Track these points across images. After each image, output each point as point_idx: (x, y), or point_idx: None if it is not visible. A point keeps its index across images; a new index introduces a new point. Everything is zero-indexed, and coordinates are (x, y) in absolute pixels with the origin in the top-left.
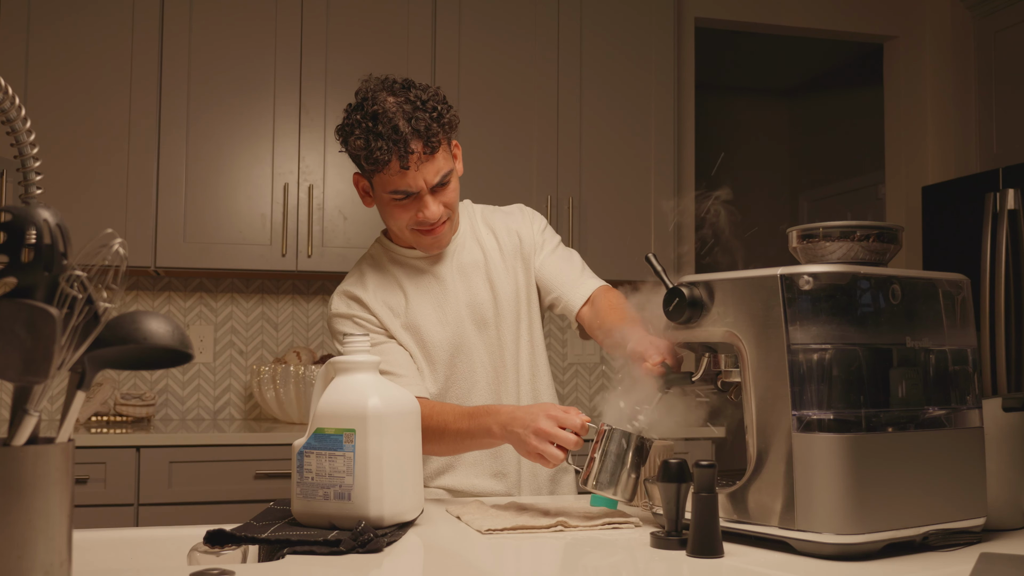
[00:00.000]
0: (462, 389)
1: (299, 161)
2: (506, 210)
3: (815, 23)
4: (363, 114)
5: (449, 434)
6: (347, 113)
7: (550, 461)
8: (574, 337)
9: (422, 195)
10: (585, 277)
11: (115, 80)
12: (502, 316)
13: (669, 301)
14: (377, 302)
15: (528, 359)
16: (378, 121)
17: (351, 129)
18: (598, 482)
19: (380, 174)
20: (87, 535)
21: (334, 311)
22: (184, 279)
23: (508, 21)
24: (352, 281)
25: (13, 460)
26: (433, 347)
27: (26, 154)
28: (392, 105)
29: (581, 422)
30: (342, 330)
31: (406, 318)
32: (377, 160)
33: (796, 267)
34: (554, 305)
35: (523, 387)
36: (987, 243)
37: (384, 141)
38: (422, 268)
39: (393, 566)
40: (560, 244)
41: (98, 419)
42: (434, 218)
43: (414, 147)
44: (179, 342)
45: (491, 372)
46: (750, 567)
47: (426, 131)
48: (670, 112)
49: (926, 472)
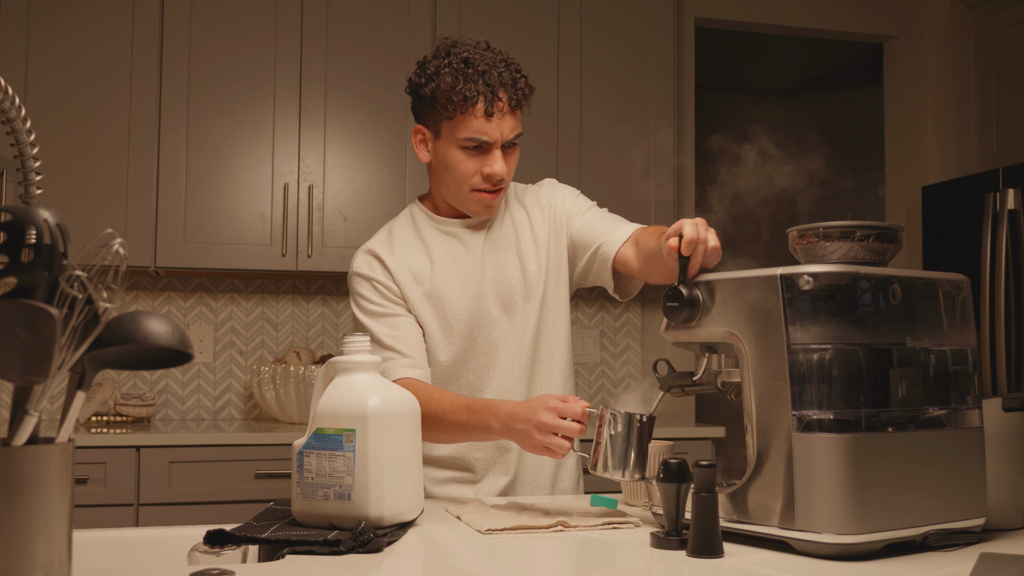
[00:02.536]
0: (480, 364)
1: (299, 161)
2: (537, 185)
3: (815, 23)
4: (452, 58)
5: (446, 424)
6: (421, 65)
7: (558, 452)
8: (574, 337)
9: (493, 148)
10: (622, 223)
11: (115, 80)
12: (527, 295)
13: (669, 301)
14: (401, 267)
15: (548, 338)
16: (469, 65)
17: (437, 70)
18: (607, 465)
19: (458, 118)
20: (87, 535)
21: (355, 269)
22: (184, 279)
23: (508, 21)
24: (378, 241)
25: (13, 460)
26: (454, 318)
27: (26, 154)
28: (485, 55)
29: (582, 409)
30: (360, 291)
31: (430, 285)
32: (465, 99)
33: (796, 267)
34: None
35: (539, 365)
36: (987, 243)
37: (474, 83)
38: (454, 236)
39: (393, 566)
40: (595, 205)
41: (98, 419)
42: (502, 174)
43: (501, 95)
44: (179, 342)
45: (512, 349)
46: (750, 567)
47: (513, 84)
48: (670, 112)
49: (926, 472)
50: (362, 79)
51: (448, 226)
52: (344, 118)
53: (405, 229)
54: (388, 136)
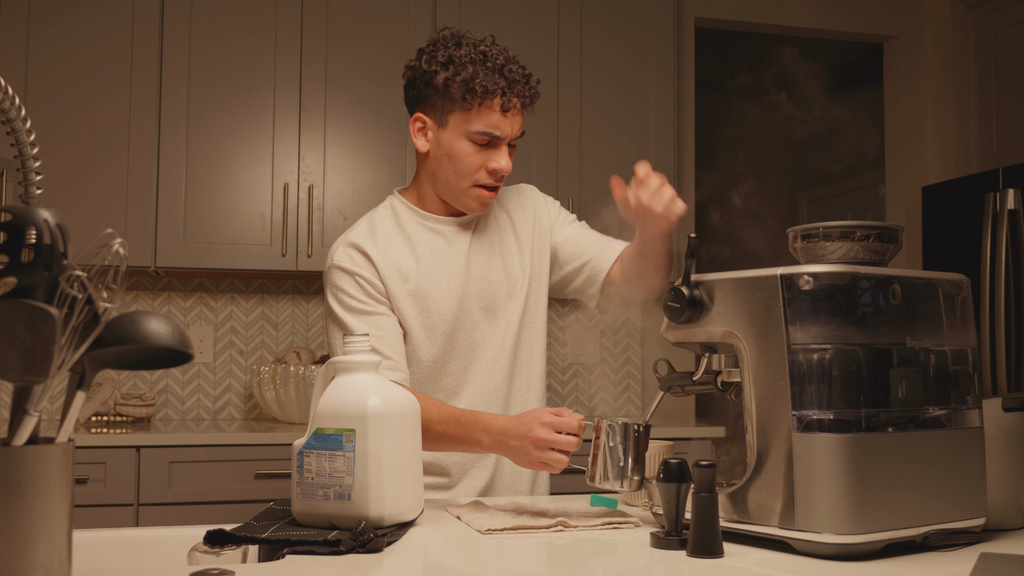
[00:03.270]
0: (459, 366)
1: (299, 161)
2: (516, 189)
3: (815, 23)
4: (467, 49)
5: (431, 434)
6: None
7: (556, 468)
8: (574, 337)
9: (502, 144)
10: (612, 240)
11: (115, 80)
12: (509, 299)
13: (670, 301)
14: (387, 264)
15: (528, 343)
16: (487, 58)
17: (451, 59)
18: (606, 477)
19: (473, 109)
20: (87, 535)
21: (336, 263)
22: (184, 279)
23: (508, 21)
24: (360, 233)
25: (13, 460)
26: (437, 317)
27: (26, 154)
28: (499, 50)
29: (577, 422)
30: (341, 286)
31: (416, 283)
32: (486, 91)
33: (796, 267)
34: (579, 272)
35: (519, 370)
36: (987, 243)
37: (494, 76)
38: (439, 234)
39: (393, 566)
40: (575, 218)
41: (98, 419)
42: (507, 170)
43: (517, 92)
44: (179, 342)
45: (492, 352)
46: (750, 567)
47: (526, 82)
48: (670, 112)
49: (926, 472)
50: (362, 79)
51: (434, 223)
52: (344, 118)
53: (387, 223)
54: (388, 136)
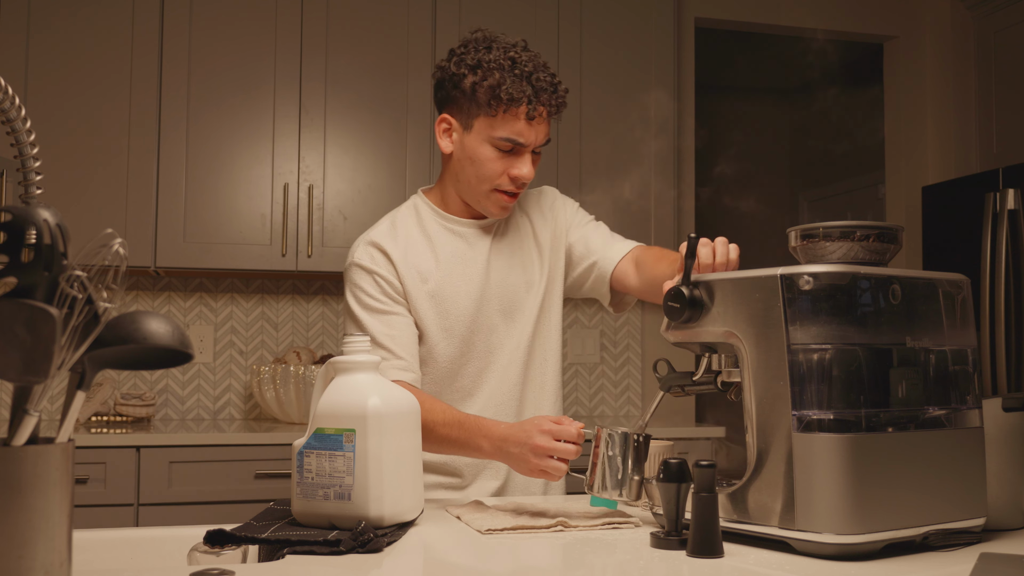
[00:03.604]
0: (475, 368)
1: (299, 161)
2: (538, 192)
3: (815, 23)
4: (497, 53)
5: (434, 436)
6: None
7: (554, 475)
8: (574, 337)
9: (525, 151)
10: (619, 240)
11: (115, 80)
12: (527, 302)
13: (670, 301)
14: (407, 264)
15: (542, 345)
16: (516, 65)
17: (480, 63)
18: (605, 486)
19: (498, 116)
20: (87, 535)
21: (356, 260)
22: (184, 279)
23: (508, 21)
24: (382, 233)
25: (13, 460)
26: (455, 319)
27: (26, 154)
28: (529, 56)
29: (577, 430)
30: (360, 284)
31: (435, 284)
32: (512, 99)
33: (796, 267)
34: (589, 273)
35: (532, 372)
36: (987, 243)
37: (522, 84)
38: (460, 236)
39: (393, 566)
40: (594, 219)
41: (98, 419)
42: (529, 177)
43: (544, 100)
44: (179, 342)
45: (507, 355)
46: (750, 567)
47: (554, 91)
48: (670, 112)
49: (926, 472)
50: (362, 79)
51: (456, 225)
52: (344, 118)
53: (409, 222)
54: (388, 136)
